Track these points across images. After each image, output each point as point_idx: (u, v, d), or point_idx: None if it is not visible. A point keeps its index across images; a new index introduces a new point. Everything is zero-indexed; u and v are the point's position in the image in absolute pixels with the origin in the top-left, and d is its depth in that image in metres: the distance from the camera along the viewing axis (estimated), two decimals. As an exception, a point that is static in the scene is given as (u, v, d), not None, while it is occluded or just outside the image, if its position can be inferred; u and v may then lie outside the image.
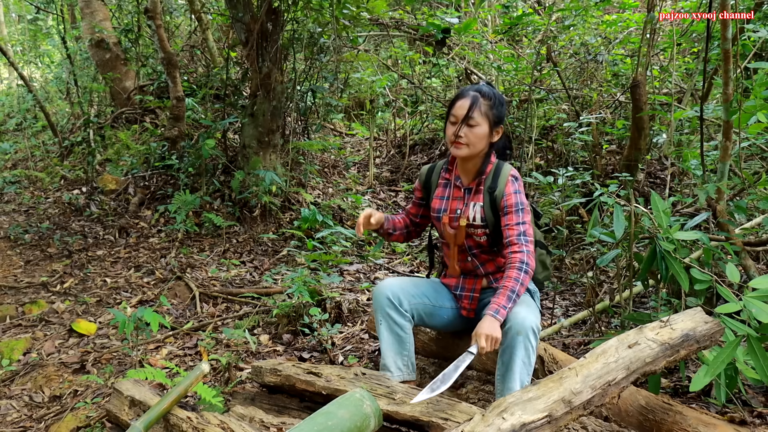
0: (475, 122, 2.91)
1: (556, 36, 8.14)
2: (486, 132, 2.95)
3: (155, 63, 9.26)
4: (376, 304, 3.09)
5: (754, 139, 4.54)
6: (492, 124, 2.96)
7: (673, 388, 3.28)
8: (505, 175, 3.01)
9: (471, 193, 3.07)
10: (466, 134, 2.92)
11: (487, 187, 3.01)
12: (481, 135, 2.94)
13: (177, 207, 6.59)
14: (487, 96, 2.94)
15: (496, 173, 3.02)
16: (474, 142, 2.94)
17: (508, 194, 2.96)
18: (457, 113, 2.95)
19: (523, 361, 2.71)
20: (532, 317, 2.76)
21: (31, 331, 4.67)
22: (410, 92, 10.48)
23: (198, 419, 2.49)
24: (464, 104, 2.92)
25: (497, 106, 2.95)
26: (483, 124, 2.93)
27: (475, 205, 3.04)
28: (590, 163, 6.65)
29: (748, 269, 3.57)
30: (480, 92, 2.94)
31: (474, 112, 2.90)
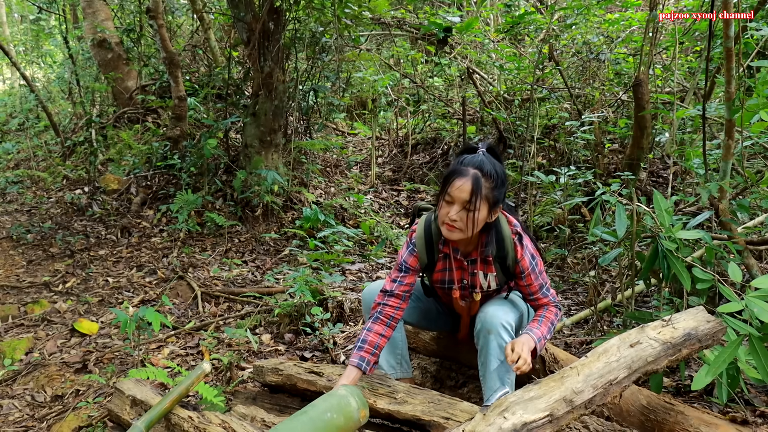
0: (476, 207, 2.58)
1: (558, 35, 8.13)
2: (485, 216, 2.64)
3: (157, 63, 9.27)
4: (365, 306, 3.10)
5: (756, 137, 4.52)
6: (491, 205, 2.64)
7: (675, 387, 3.28)
8: (509, 238, 2.78)
9: (476, 264, 2.86)
10: (462, 218, 2.61)
11: (496, 256, 2.81)
12: (480, 220, 2.63)
13: (179, 206, 6.59)
14: (489, 176, 2.59)
15: (498, 239, 2.78)
16: (470, 227, 2.64)
17: (521, 259, 2.77)
18: (454, 194, 2.59)
19: (499, 359, 2.67)
20: (500, 314, 2.72)
21: (33, 330, 4.67)
22: (412, 91, 10.47)
23: (199, 419, 2.49)
24: (465, 187, 2.57)
25: (499, 186, 2.63)
26: (483, 208, 2.61)
27: (487, 276, 2.87)
28: (592, 162, 6.65)
29: (750, 268, 3.56)
30: (482, 171, 2.59)
31: (476, 199, 2.57)
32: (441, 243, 2.89)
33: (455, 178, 2.60)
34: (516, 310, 2.87)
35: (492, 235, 2.77)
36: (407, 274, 2.94)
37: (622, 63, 7.62)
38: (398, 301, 2.92)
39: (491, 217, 2.69)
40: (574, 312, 4.62)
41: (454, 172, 2.63)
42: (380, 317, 2.89)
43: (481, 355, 2.74)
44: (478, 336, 2.73)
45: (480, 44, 9.24)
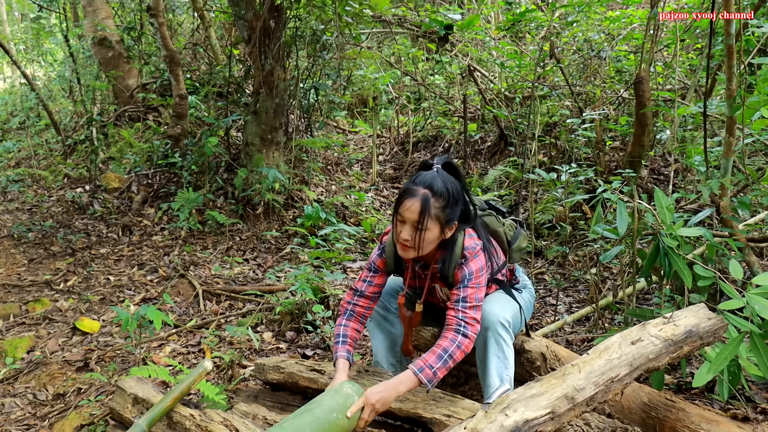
0: (424, 227, 2.56)
1: (559, 32, 8.12)
2: (437, 235, 2.62)
3: (158, 61, 9.27)
4: None
5: (758, 135, 4.52)
6: (443, 224, 2.61)
7: (676, 384, 3.28)
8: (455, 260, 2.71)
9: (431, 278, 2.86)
10: (413, 237, 2.59)
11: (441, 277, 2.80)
12: (432, 239, 2.62)
13: (180, 205, 6.60)
14: (440, 194, 2.56)
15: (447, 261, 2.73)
16: (423, 247, 2.62)
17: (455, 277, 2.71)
18: (405, 215, 2.58)
19: (498, 357, 2.67)
20: (498, 310, 2.71)
21: (35, 329, 4.68)
22: (413, 89, 10.47)
23: (201, 416, 2.49)
24: (414, 207, 2.55)
25: (450, 205, 2.60)
26: (434, 228, 2.59)
27: (442, 289, 2.91)
28: (593, 159, 6.64)
29: (751, 265, 3.56)
30: (432, 190, 2.56)
31: (425, 218, 2.55)
32: None
33: (405, 198, 2.59)
34: (513, 305, 2.87)
35: (448, 253, 2.72)
36: (376, 275, 2.95)
37: (623, 60, 7.61)
38: (368, 301, 2.94)
39: (445, 235, 2.66)
40: (576, 309, 4.63)
41: (405, 191, 2.61)
42: (354, 315, 2.92)
43: (479, 352, 2.74)
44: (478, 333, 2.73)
45: (481, 42, 9.25)
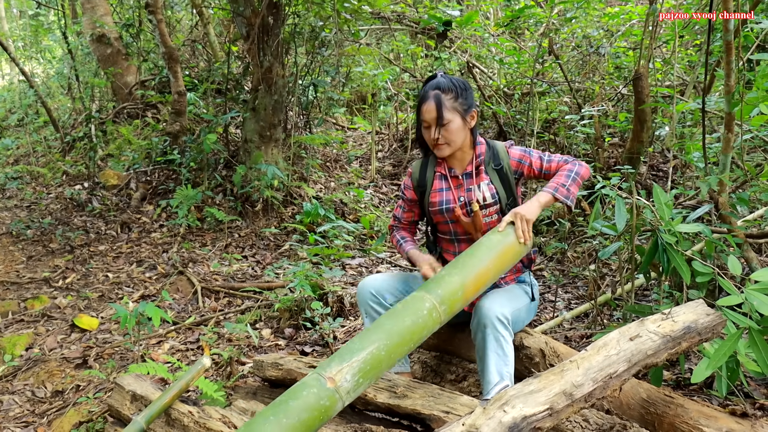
0: (447, 120, 2.85)
1: (558, 28, 8.12)
2: (460, 124, 2.89)
3: (156, 58, 9.25)
4: (360, 299, 3.08)
5: (756, 131, 4.52)
6: (463, 113, 2.89)
7: (675, 380, 3.28)
8: (503, 150, 3.01)
9: (470, 177, 3.00)
10: (443, 135, 2.88)
11: (492, 167, 2.99)
12: (457, 129, 2.89)
13: (179, 202, 6.59)
14: (448, 89, 2.87)
15: (493, 153, 3.01)
16: (453, 140, 2.90)
17: (514, 157, 2.99)
18: (426, 118, 2.89)
19: (497, 353, 2.67)
20: (496, 306, 2.72)
21: (34, 326, 4.68)
22: (412, 86, 10.45)
23: (199, 413, 2.49)
24: (430, 107, 2.85)
25: (462, 94, 2.89)
26: (455, 118, 2.87)
27: (480, 186, 2.97)
28: (592, 155, 6.64)
29: (750, 261, 3.56)
30: (440, 88, 2.86)
31: (443, 112, 2.83)
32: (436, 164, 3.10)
33: (422, 105, 2.90)
34: (512, 302, 2.87)
35: (484, 147, 3.01)
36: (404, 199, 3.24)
37: (621, 57, 7.61)
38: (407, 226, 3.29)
39: (469, 124, 2.95)
40: (575, 306, 4.63)
41: (420, 100, 2.92)
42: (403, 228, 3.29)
43: (478, 349, 2.74)
44: (475, 330, 2.74)
45: (480, 38, 9.23)
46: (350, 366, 2.25)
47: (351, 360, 2.27)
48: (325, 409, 2.17)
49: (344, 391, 2.22)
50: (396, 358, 2.39)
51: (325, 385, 2.19)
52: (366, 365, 2.28)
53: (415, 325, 2.43)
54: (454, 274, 2.60)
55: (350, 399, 2.27)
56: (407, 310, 2.47)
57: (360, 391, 2.29)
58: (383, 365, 2.34)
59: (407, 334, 2.41)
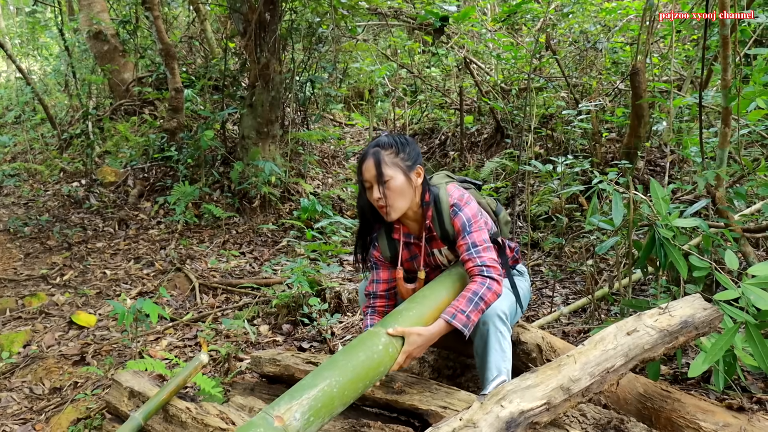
0: (387, 177, 2.66)
1: (555, 24, 8.12)
2: (404, 181, 2.70)
3: (153, 54, 9.24)
4: (361, 298, 3.08)
5: (753, 125, 4.52)
6: (405, 170, 2.71)
7: (672, 375, 3.28)
8: (447, 212, 2.82)
9: (429, 242, 2.90)
10: (386, 195, 2.67)
11: (440, 236, 2.85)
12: (401, 187, 2.69)
13: (176, 198, 6.59)
14: (388, 145, 2.72)
15: (439, 217, 2.83)
16: (397, 199, 2.70)
17: (455, 227, 2.80)
18: (366, 177, 2.70)
19: (496, 349, 2.66)
20: (496, 303, 2.71)
21: (31, 323, 4.67)
22: (409, 82, 10.45)
23: (197, 409, 2.49)
24: (369, 165, 2.68)
25: (402, 150, 2.73)
26: (396, 175, 2.68)
27: (441, 251, 2.92)
28: (590, 151, 6.64)
29: (747, 256, 3.56)
30: (378, 145, 2.72)
31: (382, 168, 2.66)
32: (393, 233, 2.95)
33: (361, 165, 2.73)
34: (510, 296, 2.87)
35: (432, 212, 2.83)
36: (379, 270, 3.00)
37: (619, 52, 7.60)
38: (383, 300, 2.99)
39: (413, 180, 2.74)
40: (572, 301, 4.63)
41: (359, 161, 2.75)
42: (375, 312, 2.99)
43: (478, 345, 2.73)
44: (476, 325, 2.73)
45: (477, 34, 9.22)
46: (299, 404, 2.17)
47: (301, 398, 2.20)
48: None
49: (293, 429, 2.13)
50: (349, 396, 2.32)
51: (273, 424, 2.10)
52: (317, 402, 2.21)
53: (369, 360, 2.40)
54: (411, 309, 2.61)
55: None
56: (361, 346, 2.43)
57: (314, 429, 2.21)
58: (335, 403, 2.26)
59: (362, 371, 2.35)
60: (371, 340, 2.45)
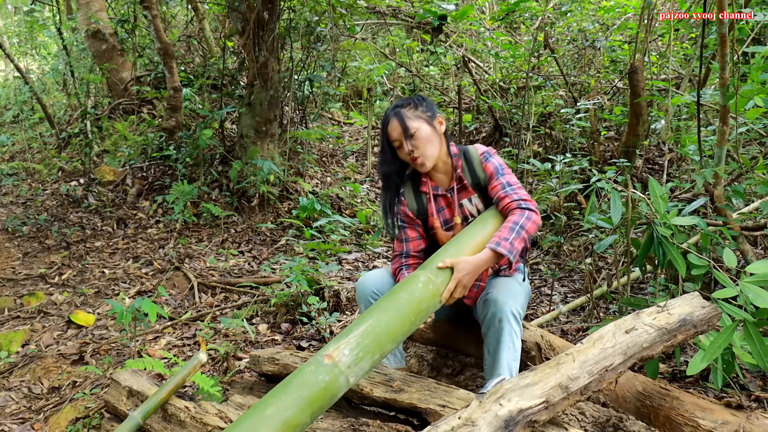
0: (413, 129, 2.79)
1: (553, 22, 8.12)
2: (429, 131, 2.84)
3: (152, 53, 9.23)
4: (360, 295, 3.03)
5: (751, 123, 4.52)
6: (428, 120, 2.86)
7: (671, 373, 3.29)
8: (477, 159, 2.95)
9: (456, 193, 2.97)
10: (415, 146, 2.81)
11: (472, 184, 2.95)
12: (428, 136, 2.83)
13: (175, 197, 6.58)
14: (404, 104, 2.87)
15: (469, 165, 2.95)
16: (426, 149, 2.83)
17: (487, 171, 2.93)
18: (394, 136, 2.84)
19: (509, 348, 2.66)
20: (511, 301, 2.70)
21: (30, 322, 4.67)
22: (408, 80, 10.45)
23: (196, 409, 2.49)
24: (394, 124, 2.83)
25: (420, 104, 2.88)
26: (421, 125, 2.82)
27: (471, 200, 2.97)
28: (588, 149, 6.64)
29: (745, 254, 3.57)
30: (397, 106, 2.87)
31: (407, 123, 2.79)
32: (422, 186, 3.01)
33: (386, 128, 2.86)
34: (522, 294, 2.86)
35: (461, 161, 2.95)
36: (406, 228, 3.05)
37: (617, 50, 7.61)
38: (415, 259, 3.03)
39: (437, 129, 2.89)
40: (571, 299, 4.63)
41: (382, 126, 2.89)
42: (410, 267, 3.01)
43: (490, 342, 2.72)
44: (489, 322, 2.71)
45: (475, 32, 9.23)
46: (347, 342, 2.30)
47: (348, 337, 2.32)
48: (325, 384, 2.20)
49: (344, 365, 2.25)
50: (397, 333, 2.43)
51: (323, 362, 2.24)
52: (364, 339, 2.32)
53: (411, 298, 2.50)
54: (448, 250, 2.69)
55: (354, 374, 2.29)
56: (402, 288, 2.55)
57: (363, 366, 2.31)
58: (383, 339, 2.37)
59: (405, 308, 2.46)
60: (410, 282, 2.56)
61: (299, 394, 2.15)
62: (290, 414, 2.11)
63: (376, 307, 2.46)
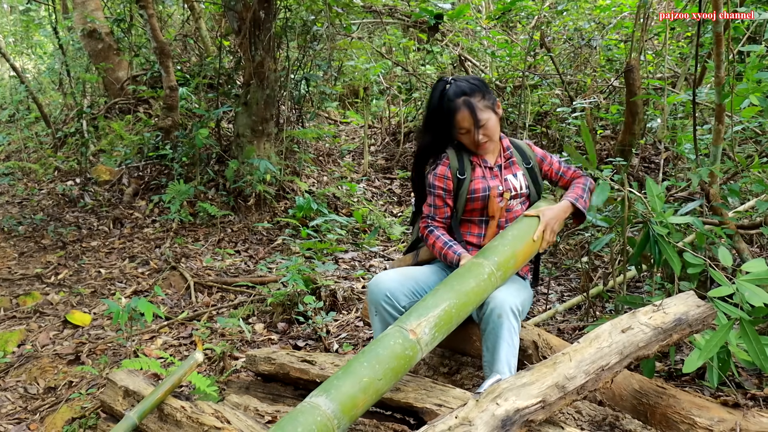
0: (484, 121, 2.95)
1: (549, 21, 8.12)
2: (496, 119, 3.02)
3: (148, 53, 9.21)
4: (371, 297, 2.97)
5: (747, 122, 4.52)
6: (492, 107, 3.01)
7: (667, 371, 3.29)
8: (524, 144, 3.22)
9: (502, 169, 3.12)
10: (486, 135, 2.98)
11: (521, 162, 3.15)
12: (494, 123, 3.01)
13: (171, 197, 6.58)
14: (472, 92, 2.96)
15: (519, 150, 3.18)
16: (493, 134, 3.01)
17: (538, 155, 3.20)
18: (464, 125, 2.97)
19: (508, 344, 2.66)
20: (511, 298, 2.72)
21: (26, 322, 4.67)
22: (404, 79, 10.44)
23: (192, 408, 2.49)
24: (465, 115, 2.94)
25: (484, 91, 3.00)
26: (490, 114, 2.98)
27: (516, 175, 3.12)
28: (584, 148, 6.64)
29: (741, 252, 3.57)
30: (465, 93, 2.95)
31: (478, 115, 2.93)
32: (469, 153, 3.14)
33: (454, 117, 2.96)
34: (522, 292, 2.91)
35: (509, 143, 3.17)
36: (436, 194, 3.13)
37: (613, 49, 7.61)
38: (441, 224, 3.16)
39: (498, 113, 3.06)
40: (567, 298, 4.64)
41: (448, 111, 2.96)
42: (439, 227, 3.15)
43: (488, 338, 2.72)
44: (488, 318, 2.71)
45: (471, 31, 9.23)
46: (427, 320, 2.49)
47: (428, 315, 2.51)
48: (408, 358, 2.41)
49: (424, 343, 2.46)
50: (461, 316, 2.63)
51: (408, 336, 2.43)
52: (440, 320, 2.52)
53: (478, 287, 2.67)
54: (506, 245, 2.84)
55: (427, 351, 2.52)
56: (470, 273, 2.70)
57: (433, 344, 2.54)
58: (453, 321, 2.59)
59: (472, 295, 2.65)
60: (477, 270, 2.72)
61: (389, 365, 2.35)
62: (381, 384, 2.33)
63: (451, 288, 2.64)
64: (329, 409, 2.19)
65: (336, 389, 2.26)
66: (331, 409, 2.19)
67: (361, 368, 2.32)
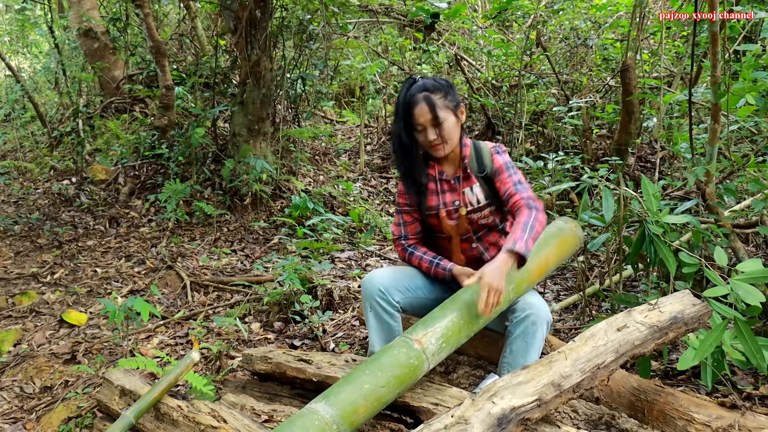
0: (442, 119, 2.84)
1: (545, 21, 8.13)
2: (455, 122, 2.91)
3: (144, 52, 9.21)
4: (365, 293, 3.00)
5: (743, 121, 4.54)
6: (453, 110, 2.91)
7: (662, 371, 3.30)
8: (487, 151, 3.02)
9: (461, 181, 3.01)
10: (441, 135, 2.87)
11: (476, 171, 2.99)
12: (452, 127, 2.89)
13: (167, 196, 6.57)
14: (435, 89, 2.88)
15: (478, 156, 3.02)
16: (450, 137, 2.89)
17: (495, 163, 2.98)
18: (420, 121, 2.86)
19: (537, 351, 2.69)
20: (546, 308, 2.75)
21: (22, 322, 4.65)
22: (401, 79, 10.44)
23: (189, 408, 2.49)
24: (423, 110, 2.84)
25: (448, 92, 2.91)
26: (448, 116, 2.88)
27: (472, 189, 3.00)
28: (580, 147, 6.66)
29: (737, 252, 3.58)
30: (427, 89, 2.86)
31: (437, 112, 2.83)
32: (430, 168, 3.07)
33: (412, 110, 2.86)
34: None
35: (470, 151, 3.03)
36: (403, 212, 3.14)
37: (609, 48, 7.63)
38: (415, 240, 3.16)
39: (460, 119, 2.96)
40: (563, 297, 4.64)
41: (406, 104, 2.87)
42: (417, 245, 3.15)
43: (515, 341, 2.72)
44: (520, 322, 2.71)
45: (468, 30, 9.23)
46: (433, 331, 2.51)
47: (434, 326, 2.53)
48: (413, 367, 2.43)
49: (430, 353, 2.48)
50: (471, 331, 2.64)
51: (414, 346, 2.46)
52: (447, 331, 2.53)
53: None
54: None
55: (435, 362, 2.53)
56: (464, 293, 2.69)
57: (442, 356, 2.55)
58: (462, 334, 2.59)
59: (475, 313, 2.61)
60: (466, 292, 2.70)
61: (392, 373, 2.37)
62: (384, 391, 2.34)
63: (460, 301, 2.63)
64: (328, 414, 2.20)
65: (336, 395, 2.27)
66: (329, 414, 2.20)
67: (362, 376, 2.34)
